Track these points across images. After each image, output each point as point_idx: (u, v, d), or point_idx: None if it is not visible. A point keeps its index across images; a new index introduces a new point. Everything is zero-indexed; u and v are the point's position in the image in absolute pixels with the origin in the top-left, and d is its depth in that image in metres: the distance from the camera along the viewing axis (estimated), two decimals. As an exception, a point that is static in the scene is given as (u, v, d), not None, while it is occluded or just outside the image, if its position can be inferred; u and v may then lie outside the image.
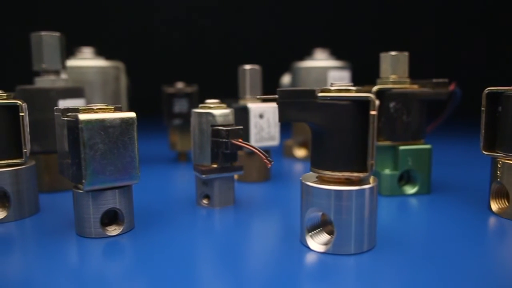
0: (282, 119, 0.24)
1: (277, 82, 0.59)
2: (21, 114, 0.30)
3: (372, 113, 0.22)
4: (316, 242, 0.24)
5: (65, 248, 0.25)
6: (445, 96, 0.35)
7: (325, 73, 0.53)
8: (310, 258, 0.23)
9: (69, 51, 0.45)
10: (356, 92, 0.23)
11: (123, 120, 0.26)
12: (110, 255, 0.24)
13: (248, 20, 1.05)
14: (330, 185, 0.23)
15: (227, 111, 0.32)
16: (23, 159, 0.30)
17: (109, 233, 0.27)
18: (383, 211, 0.32)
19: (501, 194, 0.31)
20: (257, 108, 0.40)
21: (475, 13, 1.04)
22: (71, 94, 0.38)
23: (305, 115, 0.23)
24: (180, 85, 0.53)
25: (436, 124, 0.39)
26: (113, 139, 0.25)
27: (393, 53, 0.35)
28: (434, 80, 0.35)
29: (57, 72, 0.39)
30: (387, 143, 0.35)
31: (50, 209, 0.33)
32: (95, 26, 0.97)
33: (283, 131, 0.43)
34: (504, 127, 0.30)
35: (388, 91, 0.34)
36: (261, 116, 0.40)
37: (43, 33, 0.38)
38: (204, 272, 0.22)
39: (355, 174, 0.23)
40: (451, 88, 0.35)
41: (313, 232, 0.25)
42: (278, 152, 0.57)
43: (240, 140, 0.30)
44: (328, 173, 0.23)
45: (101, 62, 0.47)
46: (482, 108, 0.31)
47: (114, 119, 0.25)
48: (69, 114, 0.26)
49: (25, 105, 0.30)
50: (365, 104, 0.22)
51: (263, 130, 0.40)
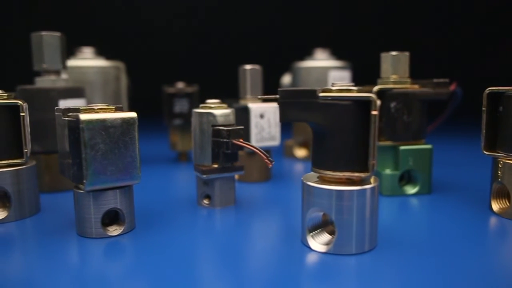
0: (283, 119, 0.24)
1: (278, 82, 0.59)
2: (22, 114, 0.30)
3: (374, 113, 0.22)
4: (317, 242, 0.24)
5: (66, 248, 0.25)
6: (446, 96, 0.35)
7: (326, 73, 0.53)
8: (311, 258, 0.23)
9: (70, 51, 0.44)
10: (358, 92, 0.23)
11: (124, 120, 0.26)
12: (111, 255, 0.24)
13: (249, 20, 1.05)
14: (331, 185, 0.23)
15: (228, 111, 0.32)
16: (24, 159, 0.30)
17: (110, 233, 0.27)
18: (384, 211, 0.32)
19: (502, 194, 0.31)
20: (258, 108, 0.40)
21: (476, 13, 1.04)
22: (72, 94, 0.38)
23: (306, 115, 0.23)
24: (181, 85, 0.53)
25: (437, 124, 0.39)
26: (114, 139, 0.25)
27: (394, 53, 0.35)
28: (435, 80, 0.35)
29: (58, 72, 0.39)
30: (388, 143, 0.35)
31: (51, 209, 0.33)
32: (95, 26, 0.97)
33: (284, 131, 0.43)
34: (505, 127, 0.30)
35: (389, 91, 0.34)
36: (262, 116, 0.40)
37: (44, 33, 0.38)
38: (205, 272, 0.22)
39: (357, 174, 0.23)
40: (452, 88, 0.35)
41: (314, 232, 0.25)
42: (279, 152, 0.57)
43: (241, 140, 0.30)
44: (329, 173, 0.23)
45: (102, 62, 0.47)
46: (483, 108, 0.31)
47: (115, 119, 0.25)
48: (70, 114, 0.26)
49: (26, 105, 0.30)
50: (367, 104, 0.22)
51: (264, 130, 0.40)
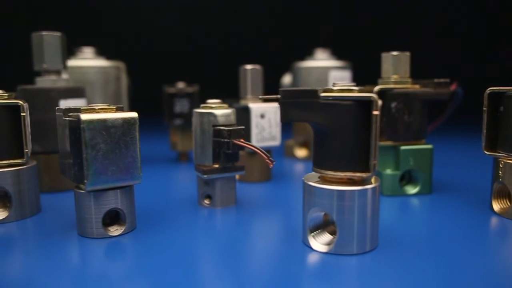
0: (284, 119, 0.24)
1: (278, 82, 0.59)
2: (22, 114, 0.30)
3: (375, 113, 0.22)
4: (319, 242, 0.24)
5: (67, 248, 0.25)
6: (447, 96, 0.35)
7: (326, 73, 0.53)
8: (312, 258, 0.23)
9: (70, 51, 0.44)
10: (359, 92, 0.23)
11: (125, 120, 0.26)
12: (112, 256, 0.24)
13: (249, 20, 1.05)
14: (333, 185, 0.23)
15: (229, 111, 0.32)
16: (24, 159, 0.30)
17: (111, 233, 0.27)
18: (385, 211, 0.32)
19: (503, 194, 0.31)
20: (259, 108, 0.40)
21: (475, 13, 1.04)
22: (72, 94, 0.38)
23: (307, 115, 0.23)
24: (181, 85, 0.53)
25: (438, 124, 0.39)
26: (115, 139, 0.25)
27: (395, 53, 0.35)
28: (436, 80, 0.35)
29: (58, 72, 0.39)
30: (389, 143, 0.35)
31: (51, 209, 0.33)
32: (96, 26, 0.97)
33: (284, 131, 0.43)
34: (506, 127, 0.30)
35: (390, 91, 0.34)
36: (263, 116, 0.40)
37: (44, 33, 0.38)
38: (206, 272, 0.22)
39: (358, 174, 0.23)
40: (453, 88, 0.35)
41: (315, 232, 0.25)
42: (279, 152, 0.57)
43: (242, 140, 0.30)
44: (331, 173, 0.23)
45: (102, 62, 0.47)
46: (484, 108, 0.31)
47: (116, 119, 0.25)
48: (71, 114, 0.26)
49: (26, 105, 0.30)
50: (368, 104, 0.22)
51: (265, 130, 0.40)
